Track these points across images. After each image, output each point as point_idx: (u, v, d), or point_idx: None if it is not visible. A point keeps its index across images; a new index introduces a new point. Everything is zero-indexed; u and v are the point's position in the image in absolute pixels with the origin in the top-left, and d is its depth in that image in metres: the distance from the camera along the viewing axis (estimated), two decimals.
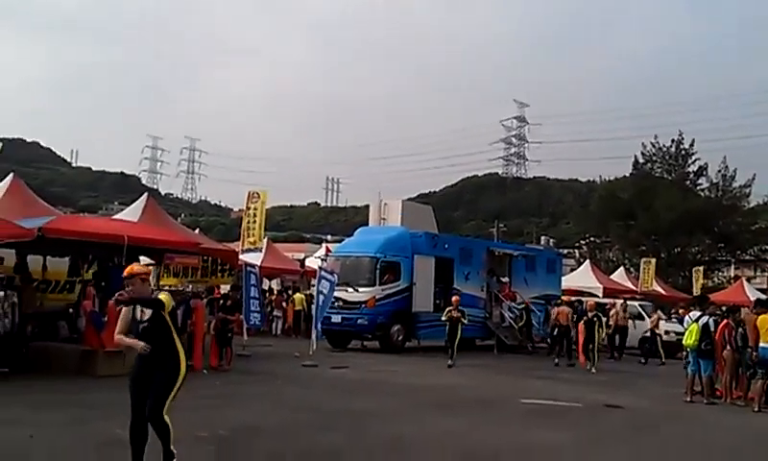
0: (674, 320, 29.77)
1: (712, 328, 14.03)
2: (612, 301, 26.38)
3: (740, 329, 13.83)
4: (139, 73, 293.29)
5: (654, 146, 49.80)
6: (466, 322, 19.41)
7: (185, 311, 15.45)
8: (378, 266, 22.03)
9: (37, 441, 7.93)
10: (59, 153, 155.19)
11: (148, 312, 6.42)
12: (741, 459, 8.60)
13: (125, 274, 6.56)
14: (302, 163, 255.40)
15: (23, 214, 14.07)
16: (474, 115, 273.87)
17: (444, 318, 19.44)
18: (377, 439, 9.02)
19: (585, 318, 20.38)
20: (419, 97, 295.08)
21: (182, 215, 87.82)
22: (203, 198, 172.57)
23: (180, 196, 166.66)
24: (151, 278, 23.56)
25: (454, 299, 19.87)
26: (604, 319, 23.94)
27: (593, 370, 18.93)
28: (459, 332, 19.06)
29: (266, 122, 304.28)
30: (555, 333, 22.03)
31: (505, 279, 25.21)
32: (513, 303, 24.97)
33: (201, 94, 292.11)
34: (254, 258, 20.01)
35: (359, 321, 21.71)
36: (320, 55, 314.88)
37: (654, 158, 50.02)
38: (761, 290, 41.94)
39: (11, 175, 16.58)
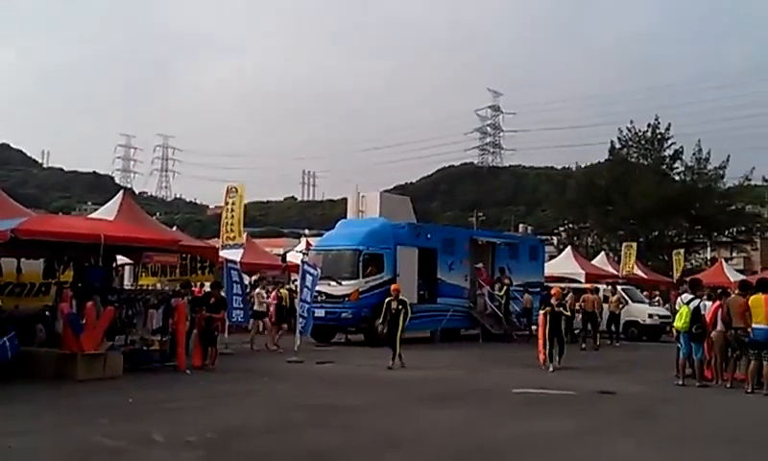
0: (656, 303, 30.03)
1: (703, 312, 13.95)
2: (591, 286, 26.29)
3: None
4: (109, 72, 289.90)
5: (630, 131, 50.01)
6: (410, 313, 16.61)
7: (166, 310, 15.11)
8: (361, 259, 21.76)
9: (17, 451, 7.55)
10: (29, 154, 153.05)
11: None
12: (746, 441, 8.44)
13: None
14: (278, 158, 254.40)
15: None
16: (449, 106, 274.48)
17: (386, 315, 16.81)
18: (370, 436, 8.74)
19: (547, 308, 16.66)
20: (391, 89, 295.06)
21: (158, 214, 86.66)
22: (177, 196, 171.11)
23: (154, 194, 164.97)
24: (126, 276, 23.25)
25: (393, 287, 17.44)
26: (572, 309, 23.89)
27: (551, 368, 15.88)
28: (400, 327, 16.24)
29: (239, 117, 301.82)
30: (582, 319, 23.02)
31: (479, 265, 24.95)
32: (490, 289, 24.75)
33: (172, 91, 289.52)
34: (235, 254, 19.61)
35: (343, 314, 21.45)
36: (293, 47, 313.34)
37: (630, 144, 50.19)
38: (739, 271, 42.40)
39: None
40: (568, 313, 17.66)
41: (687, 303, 13.99)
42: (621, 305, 24.63)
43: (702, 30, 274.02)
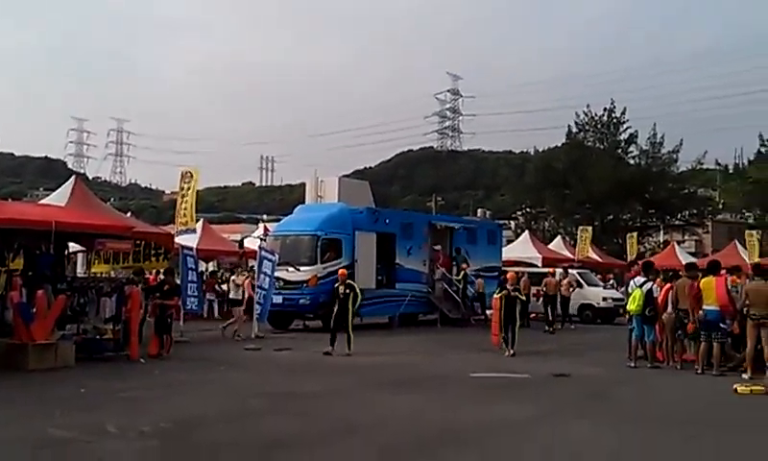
0: (610, 286, 30.51)
1: (656, 294, 14.18)
2: (552, 269, 26.62)
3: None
4: (60, 54, 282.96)
5: (586, 115, 50.59)
6: (359, 297, 16.17)
7: (119, 298, 14.85)
8: (319, 244, 21.65)
9: None
10: None
11: None
12: (697, 422, 8.63)
13: None
14: (235, 143, 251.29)
15: None
16: (408, 89, 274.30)
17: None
18: (329, 422, 8.70)
19: (503, 292, 16.31)
20: (350, 73, 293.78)
21: (112, 199, 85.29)
22: (132, 181, 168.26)
23: (108, 179, 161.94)
24: (79, 263, 22.71)
25: (340, 272, 17.10)
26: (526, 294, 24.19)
27: (510, 352, 15.69)
28: (351, 311, 15.80)
29: (196, 101, 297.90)
30: (543, 302, 23.77)
31: (438, 247, 25.07)
32: (447, 272, 24.90)
33: (127, 73, 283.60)
34: (190, 240, 19.34)
35: (301, 301, 21.32)
36: (250, 30, 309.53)
37: (587, 128, 50.82)
38: (691, 253, 43.32)
39: None
40: (524, 297, 17.33)
41: (640, 286, 14.22)
42: (572, 289, 24.98)
43: (655, 14, 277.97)
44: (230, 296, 19.82)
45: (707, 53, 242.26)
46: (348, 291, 15.86)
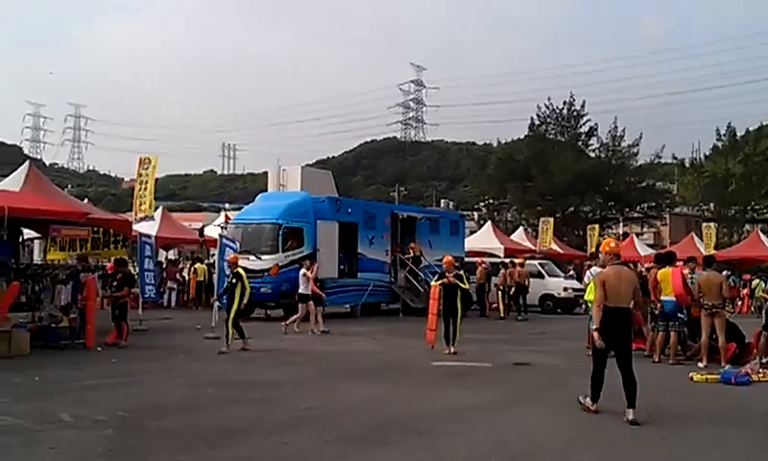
0: (570, 277, 30.88)
1: None
2: (521, 259, 26.90)
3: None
4: (15, 36, 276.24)
5: (548, 108, 51.07)
6: (248, 288, 14.49)
7: (74, 286, 14.56)
8: (281, 232, 21.53)
9: None
10: None
11: None
12: (654, 410, 8.72)
13: None
14: (197, 130, 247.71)
15: None
16: (371, 79, 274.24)
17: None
18: (290, 411, 8.63)
19: (442, 280, 14.46)
20: (314, 61, 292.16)
21: (69, 186, 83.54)
22: (91, 168, 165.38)
23: (66, 166, 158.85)
24: (36, 251, 22.19)
25: (230, 257, 15.39)
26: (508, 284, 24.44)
27: (450, 350, 13.99)
28: (235, 303, 14.21)
29: (157, 87, 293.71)
30: (512, 292, 24.36)
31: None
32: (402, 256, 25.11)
33: (85, 57, 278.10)
34: (149, 228, 19.05)
35: (262, 289, 21.09)
36: (212, 17, 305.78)
37: (548, 120, 51.31)
38: (650, 245, 44.11)
39: None
40: (465, 285, 14.82)
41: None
42: (527, 280, 25.28)
43: (614, 8, 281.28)
44: (300, 291, 18.17)
45: (664, 48, 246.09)
46: (234, 281, 14.39)
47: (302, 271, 18.36)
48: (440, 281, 14.54)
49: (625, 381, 8.29)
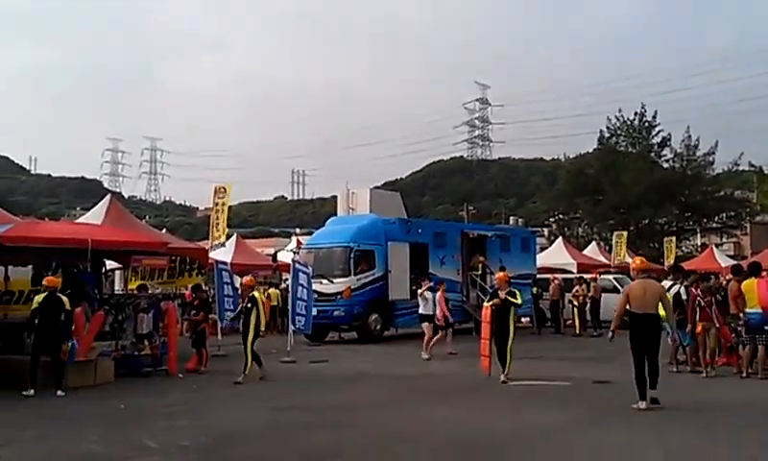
0: None
1: (684, 297, 13.85)
2: (594, 274, 26.37)
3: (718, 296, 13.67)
4: (94, 75, 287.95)
5: (618, 120, 50.02)
6: (262, 314, 13.93)
7: (155, 314, 14.96)
8: (352, 255, 21.65)
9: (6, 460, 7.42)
10: (16, 160, 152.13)
11: None
12: (751, 425, 8.38)
13: None
14: (267, 158, 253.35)
15: None
16: (437, 100, 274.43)
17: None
18: (372, 433, 8.64)
19: (496, 300, 13.13)
20: (379, 85, 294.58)
21: (147, 217, 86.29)
22: (167, 198, 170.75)
23: (143, 198, 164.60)
24: (117, 281, 22.88)
25: (245, 280, 15.14)
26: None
27: (503, 378, 12.64)
28: (251, 330, 13.59)
29: (227, 117, 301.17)
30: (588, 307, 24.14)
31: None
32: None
33: (159, 93, 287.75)
34: (224, 255, 19.47)
35: (335, 312, 21.31)
36: (279, 47, 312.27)
37: (618, 132, 50.23)
38: (730, 256, 42.51)
39: None
40: (519, 301, 13.22)
41: (668, 290, 13.96)
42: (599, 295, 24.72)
43: (687, 15, 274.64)
44: (420, 311, 18.05)
45: (734, 55, 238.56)
46: (249, 305, 13.69)
47: (421, 291, 17.99)
48: (492, 302, 13.35)
49: (650, 368, 9.93)
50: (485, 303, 14.07)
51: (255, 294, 13.94)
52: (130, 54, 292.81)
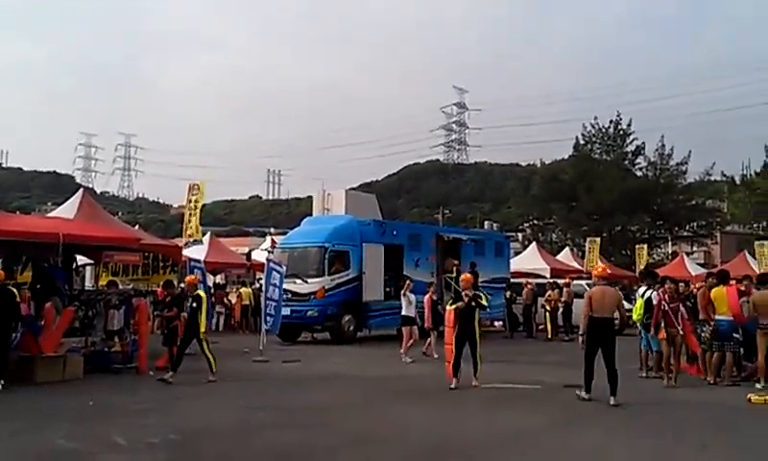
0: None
1: (654, 302, 13.99)
2: (554, 281, 26.56)
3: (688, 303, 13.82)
4: (68, 69, 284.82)
5: (593, 127, 50.56)
6: (204, 311, 13.32)
7: (126, 311, 14.82)
8: (327, 256, 21.62)
9: None
10: None
11: None
12: (714, 430, 8.52)
13: None
14: (242, 157, 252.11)
15: None
16: (414, 103, 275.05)
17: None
18: (341, 434, 8.63)
19: (459, 303, 12.71)
20: (355, 87, 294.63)
21: (120, 213, 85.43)
22: (140, 195, 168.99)
23: (116, 194, 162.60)
24: (88, 277, 22.59)
25: (186, 279, 14.82)
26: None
27: (475, 382, 12.53)
28: (202, 326, 13.23)
29: (203, 115, 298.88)
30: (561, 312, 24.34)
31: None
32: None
33: (133, 89, 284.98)
34: (198, 253, 19.35)
35: (309, 313, 21.26)
36: (255, 45, 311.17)
37: (594, 140, 50.78)
38: (700, 264, 43.10)
39: None
40: (485, 304, 13.01)
41: (642, 295, 14.21)
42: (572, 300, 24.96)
43: (660, 26, 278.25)
44: (403, 312, 17.82)
45: (716, 66, 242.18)
46: (194, 304, 13.28)
47: (404, 291, 17.94)
48: (455, 305, 12.86)
49: (609, 374, 10.66)
50: (447, 306, 13.48)
51: (200, 293, 13.65)
52: (102, 48, 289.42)
